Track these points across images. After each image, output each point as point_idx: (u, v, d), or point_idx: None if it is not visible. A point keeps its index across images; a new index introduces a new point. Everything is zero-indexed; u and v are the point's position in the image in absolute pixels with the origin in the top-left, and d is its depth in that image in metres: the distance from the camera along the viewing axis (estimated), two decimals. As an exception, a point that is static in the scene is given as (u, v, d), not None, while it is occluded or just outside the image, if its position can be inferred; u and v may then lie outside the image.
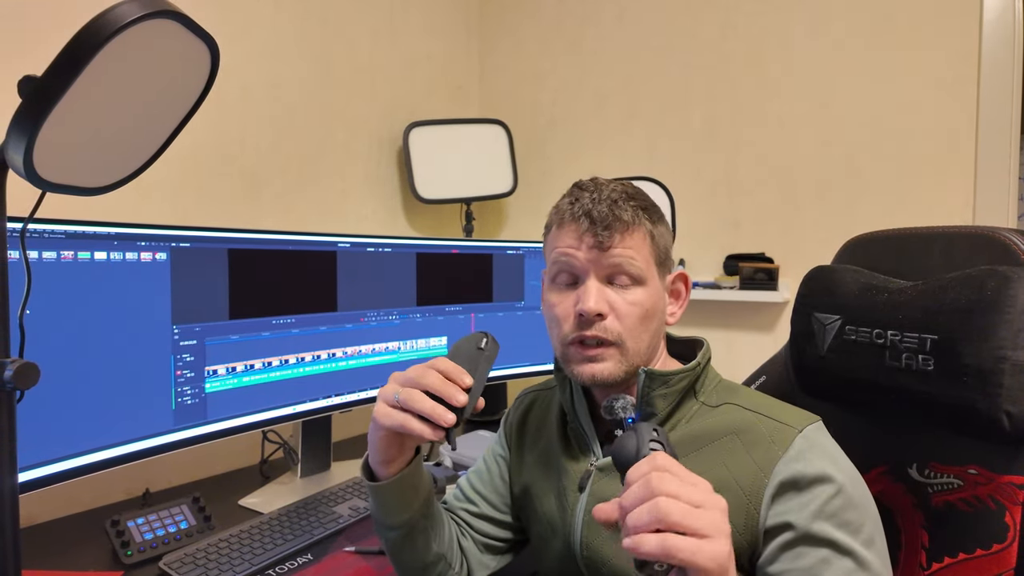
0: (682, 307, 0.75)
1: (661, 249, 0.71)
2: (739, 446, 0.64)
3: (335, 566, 0.89)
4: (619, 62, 1.70)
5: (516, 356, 1.54)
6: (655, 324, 0.70)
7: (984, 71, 1.23)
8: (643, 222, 0.69)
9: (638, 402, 0.67)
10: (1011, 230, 0.66)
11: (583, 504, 0.70)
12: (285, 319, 1.13)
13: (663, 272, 0.72)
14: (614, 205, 0.68)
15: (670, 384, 0.67)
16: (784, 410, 0.66)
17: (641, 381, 0.67)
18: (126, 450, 0.91)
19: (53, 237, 0.84)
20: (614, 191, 0.70)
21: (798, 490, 0.59)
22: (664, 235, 0.72)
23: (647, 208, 0.70)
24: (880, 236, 0.81)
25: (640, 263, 0.68)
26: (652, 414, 0.68)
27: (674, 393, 0.68)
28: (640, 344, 0.69)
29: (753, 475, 0.61)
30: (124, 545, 0.88)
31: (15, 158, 0.50)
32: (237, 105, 1.34)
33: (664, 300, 0.72)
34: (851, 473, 0.61)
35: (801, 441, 0.61)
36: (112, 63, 0.50)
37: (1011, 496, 0.61)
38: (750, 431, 0.64)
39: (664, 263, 0.72)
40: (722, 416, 0.67)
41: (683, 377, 0.68)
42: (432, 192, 1.69)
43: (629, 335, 0.68)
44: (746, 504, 0.60)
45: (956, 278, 0.65)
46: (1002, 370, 0.59)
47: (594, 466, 0.71)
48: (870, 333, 0.72)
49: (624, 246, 0.68)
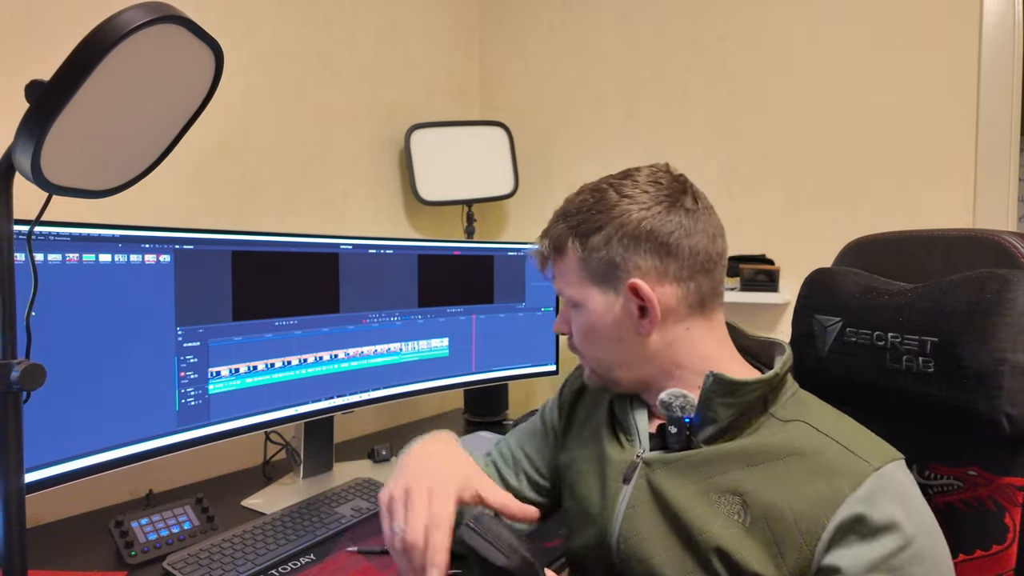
0: (652, 320, 0.65)
1: (597, 263, 0.66)
2: (801, 471, 0.57)
3: (338, 566, 0.90)
4: (619, 63, 1.71)
5: (516, 357, 1.54)
6: (606, 342, 0.68)
7: (984, 73, 1.23)
8: (567, 243, 0.68)
9: (699, 403, 0.63)
10: (1011, 233, 0.66)
11: (627, 497, 0.67)
12: (288, 320, 1.13)
13: (611, 285, 0.66)
14: (546, 233, 0.71)
15: (737, 394, 0.62)
16: (862, 440, 0.59)
17: (707, 384, 0.62)
18: (130, 451, 0.91)
19: (59, 240, 0.84)
20: (556, 213, 0.71)
21: (860, 537, 0.53)
22: (601, 247, 0.65)
23: (579, 225, 0.67)
24: (881, 238, 0.81)
25: (570, 290, 0.69)
26: (712, 419, 0.63)
27: (740, 404, 0.62)
28: (598, 361, 0.71)
29: (812, 510, 0.55)
30: (128, 545, 0.89)
31: (22, 161, 0.51)
32: (240, 108, 1.35)
33: (618, 316, 0.67)
34: (927, 524, 0.55)
35: (874, 481, 0.54)
36: (118, 68, 0.50)
37: (1010, 497, 0.61)
38: (817, 456, 0.57)
39: (608, 275, 0.66)
40: (790, 434, 0.60)
41: (755, 389, 0.62)
42: (433, 194, 1.69)
43: (584, 352, 0.72)
44: (798, 540, 0.55)
45: (956, 281, 0.65)
46: (1002, 372, 0.59)
47: (641, 458, 0.67)
48: (871, 335, 0.72)
49: (556, 273, 0.72)
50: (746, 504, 0.58)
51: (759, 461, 0.60)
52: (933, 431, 0.69)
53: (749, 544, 0.57)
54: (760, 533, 0.57)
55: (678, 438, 0.65)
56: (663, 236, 0.64)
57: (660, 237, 0.64)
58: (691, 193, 0.68)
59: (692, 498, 0.62)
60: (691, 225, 0.66)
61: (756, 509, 0.58)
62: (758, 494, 0.58)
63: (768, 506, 0.57)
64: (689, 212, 0.66)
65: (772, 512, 0.57)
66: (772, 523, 0.56)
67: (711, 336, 0.68)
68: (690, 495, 0.62)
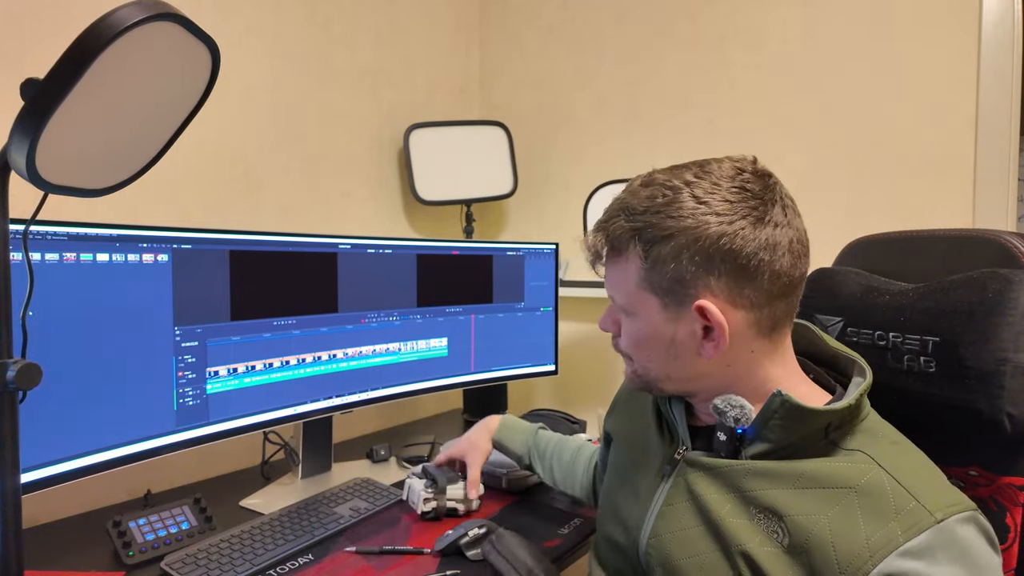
0: (718, 347, 0.58)
1: (664, 275, 0.58)
2: (854, 507, 0.52)
3: (336, 566, 0.89)
4: (619, 63, 1.71)
5: (515, 357, 1.54)
6: (660, 355, 0.62)
7: (983, 73, 1.23)
8: (628, 247, 0.59)
9: (757, 419, 0.58)
10: (1012, 233, 0.66)
11: (664, 494, 0.64)
12: (286, 320, 1.13)
13: (675, 300, 0.59)
14: (603, 227, 0.62)
15: (804, 421, 0.56)
16: (929, 485, 0.52)
17: (772, 405, 0.56)
18: (128, 451, 0.91)
19: (55, 239, 0.84)
20: (616, 204, 0.62)
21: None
22: (671, 260, 0.57)
23: (644, 228, 0.58)
24: (882, 238, 0.81)
25: (621, 296, 0.63)
26: (766, 438, 0.57)
27: (803, 431, 0.57)
28: (649, 368, 0.64)
29: (858, 554, 0.49)
30: (126, 545, 0.88)
31: (18, 160, 0.50)
32: (239, 107, 1.34)
33: (676, 333, 0.60)
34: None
35: (934, 535, 0.48)
36: (113, 65, 0.50)
37: (1011, 497, 0.61)
38: (873, 495, 0.52)
39: (672, 290, 0.58)
40: (848, 464, 0.55)
41: (823, 417, 0.56)
42: (432, 194, 1.69)
43: (633, 355, 0.66)
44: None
45: (958, 280, 0.65)
46: (1003, 372, 0.59)
47: (682, 456, 0.65)
48: (872, 335, 0.72)
49: (610, 274, 0.64)
50: (785, 526, 0.54)
51: (808, 486, 0.55)
52: (934, 431, 0.68)
53: (787, 568, 0.53)
54: (799, 560, 0.53)
55: (726, 446, 0.60)
56: (743, 259, 0.56)
57: (740, 259, 0.56)
58: (781, 203, 0.58)
59: (731, 508, 0.59)
60: (777, 245, 0.57)
61: (797, 535, 0.53)
62: (801, 520, 0.53)
63: (810, 535, 0.52)
64: (778, 227, 0.57)
65: (813, 543, 0.52)
66: (812, 554, 0.52)
67: (776, 357, 0.62)
68: (729, 504, 0.59)
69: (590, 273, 1.87)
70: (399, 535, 0.99)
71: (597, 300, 1.71)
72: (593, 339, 1.77)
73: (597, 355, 1.75)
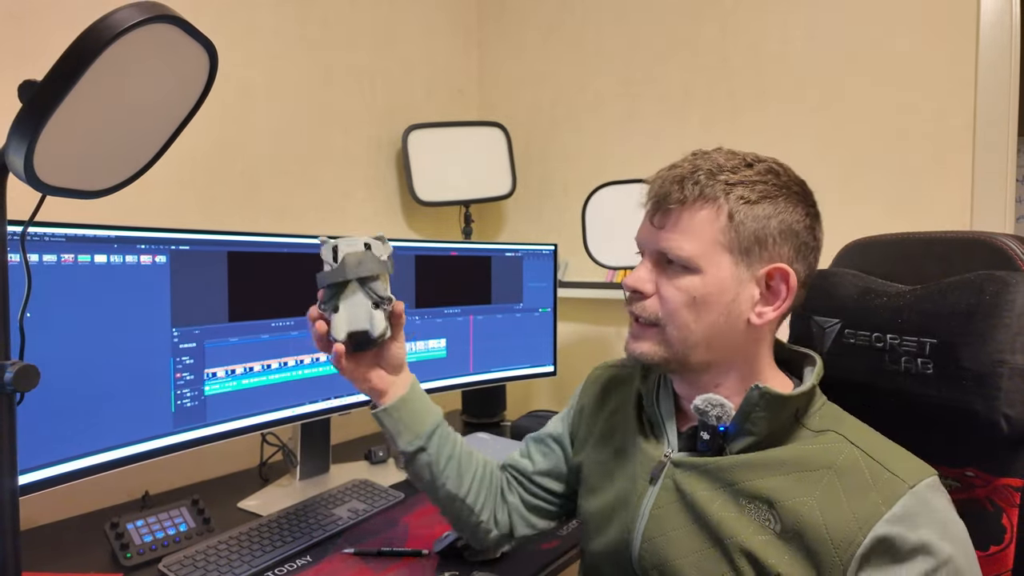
0: (779, 310, 0.63)
1: (746, 234, 0.61)
2: (837, 488, 0.56)
3: (334, 568, 0.89)
4: (619, 64, 1.71)
5: (514, 358, 1.54)
6: (712, 317, 0.62)
7: (981, 74, 1.23)
8: (721, 198, 0.60)
9: (738, 414, 0.62)
10: (1008, 235, 0.66)
11: (652, 497, 0.66)
12: (284, 321, 1.13)
13: (750, 261, 0.61)
14: (688, 178, 0.61)
15: (781, 409, 0.61)
16: (896, 456, 0.58)
17: (753, 398, 0.61)
18: (125, 452, 0.91)
19: (54, 240, 0.84)
20: (707, 161, 0.63)
21: (893, 558, 0.53)
22: (763, 219, 0.61)
23: (742, 183, 0.61)
24: (878, 240, 0.81)
25: (690, 248, 0.61)
26: (749, 431, 0.62)
27: (779, 418, 0.62)
28: (686, 333, 0.62)
29: (847, 528, 0.54)
30: (123, 547, 0.88)
31: (15, 162, 0.50)
32: (237, 108, 1.34)
33: (740, 294, 0.62)
34: (962, 545, 0.54)
35: (910, 500, 0.54)
36: (111, 67, 0.50)
37: (1008, 498, 0.61)
38: (850, 471, 0.57)
39: (752, 251, 0.61)
40: (823, 445, 0.60)
41: (795, 402, 0.62)
42: (431, 194, 1.69)
43: (670, 319, 0.63)
44: (833, 559, 0.54)
45: (955, 282, 0.65)
46: (1000, 374, 0.59)
47: (668, 458, 0.67)
48: (869, 336, 0.72)
49: (678, 229, 0.62)
50: (776, 512, 0.58)
51: (792, 471, 0.59)
52: (931, 432, 0.68)
53: (782, 552, 0.56)
54: (794, 543, 0.56)
55: (710, 445, 0.64)
56: (812, 243, 0.64)
57: (810, 243, 0.64)
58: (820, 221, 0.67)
59: (721, 502, 0.61)
60: (821, 246, 0.67)
61: (788, 518, 0.57)
62: (790, 504, 0.57)
63: (800, 517, 0.56)
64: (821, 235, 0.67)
65: (805, 523, 0.56)
66: (805, 534, 0.56)
67: (770, 343, 0.68)
68: (719, 499, 0.61)
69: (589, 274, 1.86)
70: (397, 537, 0.99)
71: (596, 301, 1.72)
72: (592, 340, 1.77)
73: (596, 356, 1.75)
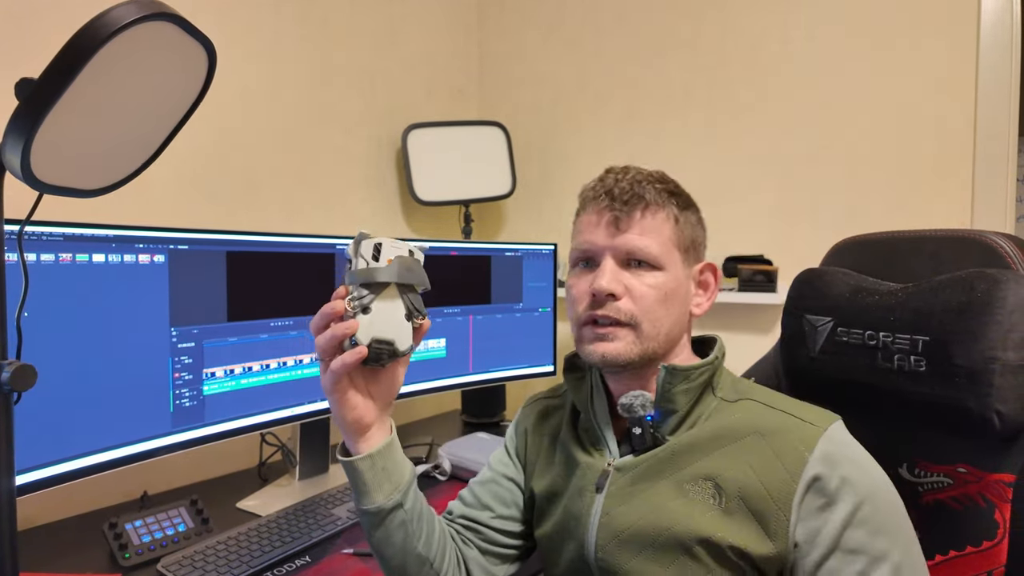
0: (710, 299, 0.73)
1: (686, 236, 0.70)
2: (766, 448, 0.62)
3: (333, 568, 0.89)
4: (618, 63, 1.71)
5: (513, 357, 1.54)
6: (676, 310, 0.69)
7: (982, 73, 1.23)
8: (667, 204, 0.69)
9: (657, 398, 0.67)
10: (997, 233, 0.67)
11: (600, 505, 0.68)
12: (283, 321, 1.13)
13: (688, 260, 0.71)
14: (637, 185, 0.68)
15: (691, 379, 0.66)
16: (804, 408, 0.65)
17: (661, 377, 0.66)
18: (124, 452, 0.91)
19: (51, 239, 0.84)
20: (641, 173, 0.70)
21: (825, 499, 0.57)
22: (693, 224, 0.71)
23: (675, 193, 0.70)
24: (869, 239, 0.81)
25: (656, 248, 0.67)
26: (672, 411, 0.66)
27: (695, 388, 0.67)
28: (658, 328, 0.67)
29: (782, 482, 0.59)
30: (122, 547, 0.88)
31: (12, 160, 0.51)
32: (236, 106, 1.35)
33: (688, 288, 0.71)
34: (878, 475, 0.60)
35: (825, 443, 0.59)
36: (109, 65, 0.50)
37: (1000, 494, 0.61)
38: (777, 433, 0.62)
39: (689, 251, 0.71)
40: (743, 413, 0.66)
41: (703, 371, 0.67)
42: (431, 194, 1.69)
43: (645, 316, 0.66)
44: (776, 512, 0.58)
45: (946, 280, 0.66)
46: (992, 370, 0.60)
47: (612, 466, 0.69)
48: (862, 335, 0.72)
49: (642, 229, 0.67)
50: (719, 487, 0.62)
51: (723, 444, 0.64)
52: (924, 429, 0.69)
53: (730, 524, 0.60)
54: (739, 511, 0.60)
55: (643, 438, 0.67)
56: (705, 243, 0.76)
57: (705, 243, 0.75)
58: None
59: (666, 494, 0.64)
60: None
61: (730, 489, 0.61)
62: (729, 475, 0.61)
63: (740, 484, 0.60)
64: None
65: (746, 489, 0.60)
66: (748, 500, 0.60)
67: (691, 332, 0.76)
68: (664, 491, 0.64)
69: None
70: (395, 535, 0.99)
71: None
72: (590, 340, 1.77)
73: (594, 356, 1.75)
